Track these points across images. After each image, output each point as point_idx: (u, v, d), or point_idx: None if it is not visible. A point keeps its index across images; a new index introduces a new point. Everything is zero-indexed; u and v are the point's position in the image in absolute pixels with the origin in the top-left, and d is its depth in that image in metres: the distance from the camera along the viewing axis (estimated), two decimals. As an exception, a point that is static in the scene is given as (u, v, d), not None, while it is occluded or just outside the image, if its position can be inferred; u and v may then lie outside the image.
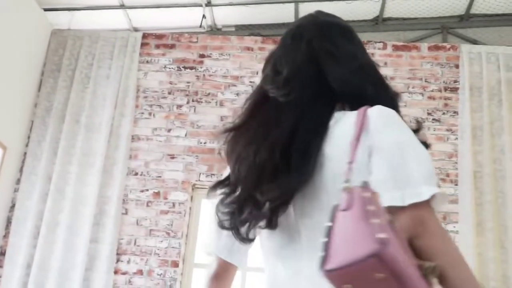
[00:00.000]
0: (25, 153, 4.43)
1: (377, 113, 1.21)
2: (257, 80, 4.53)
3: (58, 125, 4.46)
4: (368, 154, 1.17)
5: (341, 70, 1.31)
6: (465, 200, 4.05)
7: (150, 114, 4.55)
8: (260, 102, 1.40)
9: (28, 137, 4.47)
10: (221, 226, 1.33)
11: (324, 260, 1.00)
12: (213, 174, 4.35)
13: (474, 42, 4.69)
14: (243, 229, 1.30)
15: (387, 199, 1.08)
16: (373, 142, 1.17)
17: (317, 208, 1.21)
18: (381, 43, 4.60)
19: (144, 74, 4.67)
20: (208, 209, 4.47)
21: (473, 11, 4.70)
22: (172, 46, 4.74)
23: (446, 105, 4.40)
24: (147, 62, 4.70)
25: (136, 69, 4.62)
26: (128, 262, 4.17)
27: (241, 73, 4.63)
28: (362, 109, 1.23)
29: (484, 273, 3.85)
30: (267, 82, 1.38)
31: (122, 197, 4.29)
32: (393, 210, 1.07)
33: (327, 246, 1.01)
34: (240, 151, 1.34)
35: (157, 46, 4.75)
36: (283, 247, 1.29)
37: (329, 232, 1.03)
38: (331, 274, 0.98)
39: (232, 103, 4.54)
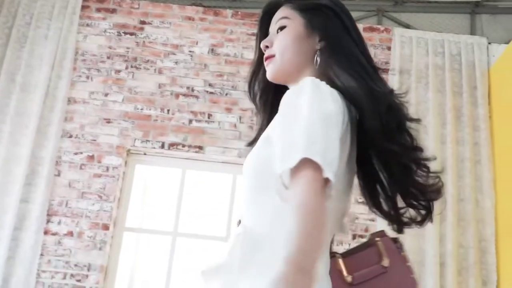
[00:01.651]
0: (-44, 110, 4.37)
1: None
2: (197, 49, 4.61)
3: (-8, 83, 4.41)
4: None
5: None
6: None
7: (87, 77, 4.55)
8: None
9: (-39, 94, 4.41)
10: None
11: None
12: (148, 140, 4.41)
13: (407, 26, 4.88)
14: None
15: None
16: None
17: None
18: (319, 22, 4.71)
19: (84, 37, 4.65)
20: (142, 174, 4.54)
21: (408, -4, 4.90)
22: (113, 11, 4.73)
23: (377, 85, 4.56)
24: (87, 25, 4.68)
25: (75, 32, 4.59)
26: (59, 223, 4.19)
27: (181, 42, 4.68)
28: None
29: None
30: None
31: (55, 159, 4.29)
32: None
33: None
34: None
35: (98, 10, 4.73)
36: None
37: None
38: None
39: (170, 71, 4.59)
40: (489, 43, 4.69)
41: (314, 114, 1.19)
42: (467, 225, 4.20)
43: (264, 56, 1.49)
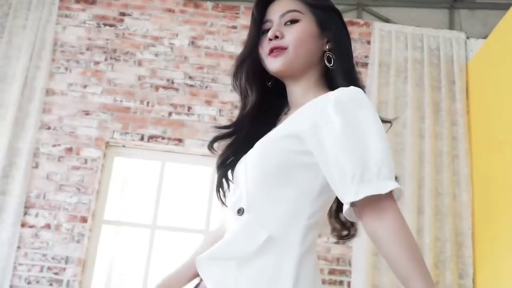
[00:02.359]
0: None
1: None
2: (177, 42, 4.60)
3: (-31, 73, 4.36)
4: None
5: None
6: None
7: (66, 69, 4.52)
8: None
9: None
10: None
11: None
12: (127, 133, 4.39)
13: (387, 20, 4.90)
14: None
15: None
16: None
17: None
18: (300, 15, 4.72)
19: (63, 28, 4.61)
20: (121, 166, 4.52)
21: (388, -10, 4.92)
22: (92, 2, 4.70)
23: (356, 79, 4.58)
24: (66, 16, 4.64)
25: (54, 22, 4.56)
26: (36, 215, 4.16)
27: (161, 34, 4.66)
28: None
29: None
30: None
31: (33, 151, 4.25)
32: None
33: None
34: None
35: (77, 1, 4.69)
36: None
37: None
38: None
39: (150, 64, 4.57)
40: (467, 38, 4.72)
41: (382, 134, 1.27)
42: (445, 218, 4.24)
43: (272, 46, 1.46)
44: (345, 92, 1.32)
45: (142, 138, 4.39)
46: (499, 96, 4.07)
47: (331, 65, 1.45)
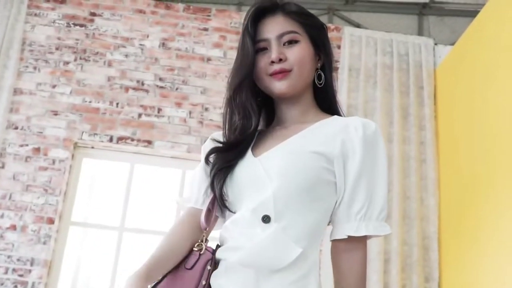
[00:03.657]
0: None
1: None
2: (147, 43, 4.57)
3: None
4: None
5: None
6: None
7: (35, 68, 4.46)
8: None
9: None
10: None
11: None
12: (96, 134, 4.35)
13: (357, 25, 4.94)
14: None
15: None
16: None
17: None
18: (271, 19, 4.73)
19: (32, 27, 4.56)
20: (89, 168, 4.48)
21: (359, -4, 4.97)
22: (62, 1, 4.65)
23: (327, 83, 4.61)
24: (35, 15, 4.59)
25: (23, 21, 4.50)
26: (2, 216, 4.09)
27: (131, 35, 4.63)
28: None
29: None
30: None
31: (-1, 151, 4.20)
32: None
33: None
34: None
35: (47, 0, 4.64)
36: None
37: None
38: None
39: (120, 64, 4.54)
40: (436, 44, 4.78)
41: (387, 177, 1.43)
42: (412, 222, 4.28)
43: (278, 69, 1.47)
44: (371, 129, 1.42)
45: (111, 140, 4.36)
46: (466, 101, 4.13)
47: (320, 82, 1.53)
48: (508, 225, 3.32)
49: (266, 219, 1.35)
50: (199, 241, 1.45)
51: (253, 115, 1.50)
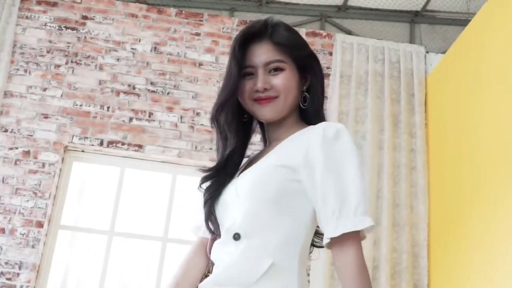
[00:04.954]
0: None
1: None
2: (139, 47, 4.57)
3: None
4: None
5: None
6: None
7: (25, 71, 4.45)
8: None
9: None
10: None
11: None
12: (87, 137, 4.34)
13: (349, 32, 4.96)
14: None
15: None
16: None
17: None
18: (264, 24, 4.74)
19: (23, 30, 4.54)
20: (79, 171, 4.46)
21: (350, 3, 4.98)
22: (54, 4, 4.64)
23: (318, 89, 4.62)
24: (27, 17, 4.57)
25: (14, 24, 4.49)
26: (-10, 219, 4.07)
27: (123, 39, 4.63)
28: None
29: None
30: None
31: (-12, 153, 4.18)
32: None
33: None
34: None
35: (39, 2, 4.63)
36: None
37: None
38: None
39: (112, 68, 4.53)
40: (427, 52, 4.81)
41: (361, 172, 1.38)
42: (401, 230, 4.29)
43: (262, 97, 1.52)
44: (331, 130, 1.41)
45: (101, 143, 4.35)
46: (457, 109, 4.15)
47: (305, 104, 1.56)
48: (496, 233, 3.33)
49: (237, 236, 1.40)
50: (207, 271, 1.56)
51: (230, 136, 1.54)
